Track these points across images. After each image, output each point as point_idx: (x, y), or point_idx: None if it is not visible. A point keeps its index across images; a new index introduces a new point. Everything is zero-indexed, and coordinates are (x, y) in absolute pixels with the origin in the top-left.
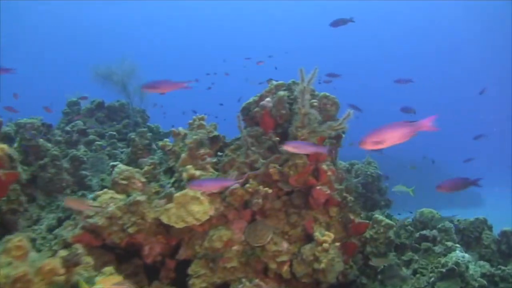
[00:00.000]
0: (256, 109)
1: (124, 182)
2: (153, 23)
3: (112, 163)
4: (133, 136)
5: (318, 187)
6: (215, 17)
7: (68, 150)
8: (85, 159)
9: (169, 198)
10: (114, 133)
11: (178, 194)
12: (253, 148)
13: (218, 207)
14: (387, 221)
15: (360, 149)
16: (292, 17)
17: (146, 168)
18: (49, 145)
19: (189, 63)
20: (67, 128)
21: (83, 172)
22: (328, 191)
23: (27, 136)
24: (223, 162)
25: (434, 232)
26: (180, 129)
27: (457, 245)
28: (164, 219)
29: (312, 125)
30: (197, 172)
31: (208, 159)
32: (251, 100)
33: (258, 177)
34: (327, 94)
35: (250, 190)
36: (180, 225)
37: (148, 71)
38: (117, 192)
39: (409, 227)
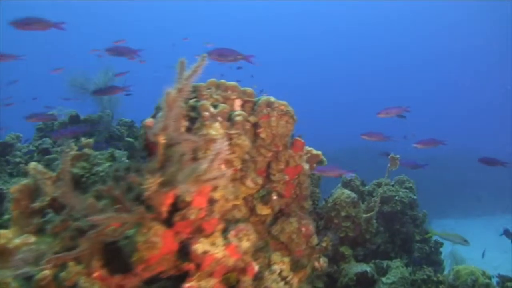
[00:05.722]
0: (141, 131)
1: None
2: (150, 23)
3: None
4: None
5: (187, 285)
6: (212, 16)
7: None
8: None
9: None
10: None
11: None
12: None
13: None
14: None
15: None
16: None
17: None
18: None
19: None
20: (31, 147)
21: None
22: None
23: None
24: (55, 222)
25: None
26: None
27: None
28: None
29: (168, 171)
30: (17, 241)
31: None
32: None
33: (81, 259)
34: (272, 99)
35: (66, 284)
36: None
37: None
38: None
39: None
